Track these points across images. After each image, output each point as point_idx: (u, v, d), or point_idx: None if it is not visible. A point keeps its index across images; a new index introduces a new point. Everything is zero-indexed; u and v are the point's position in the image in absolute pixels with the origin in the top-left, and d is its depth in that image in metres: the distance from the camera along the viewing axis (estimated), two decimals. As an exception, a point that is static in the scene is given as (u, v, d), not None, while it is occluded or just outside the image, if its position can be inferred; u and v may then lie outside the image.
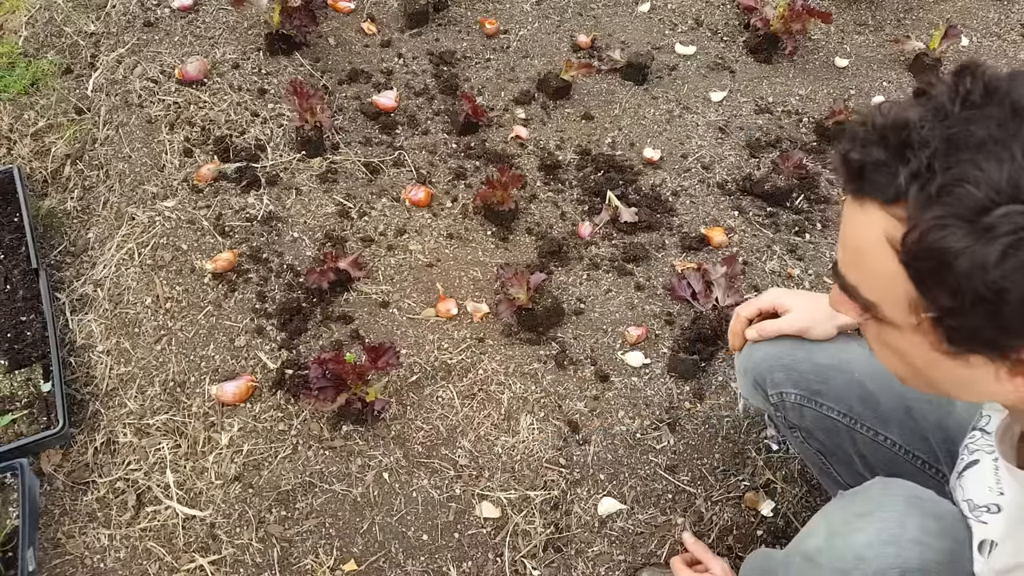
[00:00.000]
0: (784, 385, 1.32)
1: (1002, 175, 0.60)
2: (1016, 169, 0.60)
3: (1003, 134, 0.62)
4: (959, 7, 2.83)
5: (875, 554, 1.02)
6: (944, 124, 0.64)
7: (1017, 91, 0.63)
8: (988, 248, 0.61)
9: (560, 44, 2.47)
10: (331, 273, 1.74)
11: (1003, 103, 0.63)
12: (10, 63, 2.21)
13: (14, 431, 1.58)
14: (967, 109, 0.64)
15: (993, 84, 0.65)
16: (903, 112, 0.66)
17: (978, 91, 0.65)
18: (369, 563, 1.48)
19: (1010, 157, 0.61)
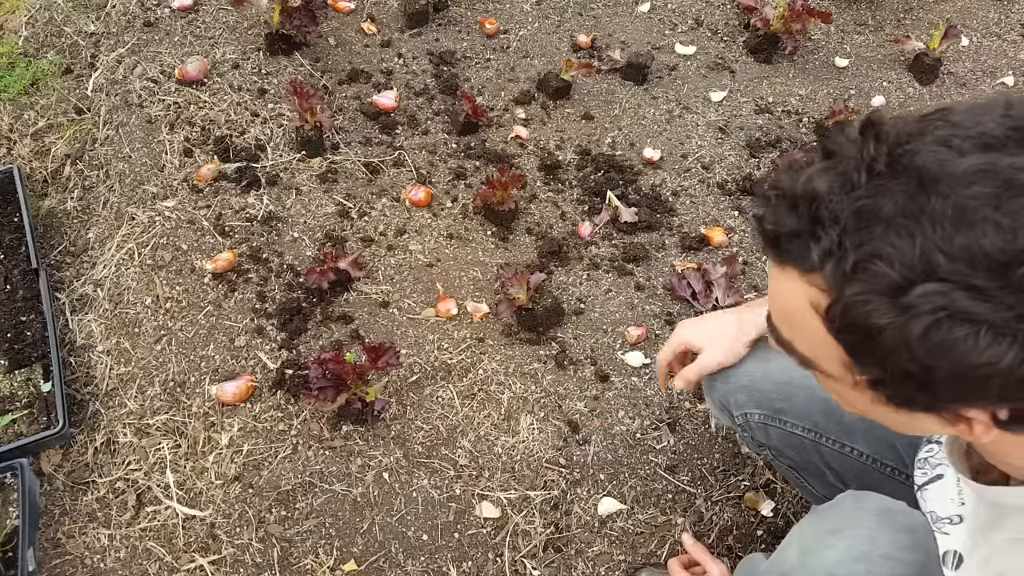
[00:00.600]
0: (747, 406, 1.33)
1: (915, 252, 0.59)
2: (928, 245, 0.59)
3: (912, 207, 0.60)
4: (959, 7, 2.83)
5: (846, 571, 1.03)
6: (852, 196, 0.62)
7: (922, 157, 0.61)
8: (910, 327, 0.60)
9: (560, 44, 2.47)
10: (331, 273, 1.74)
11: (909, 172, 0.62)
12: (10, 63, 2.21)
13: (14, 431, 1.58)
14: (873, 179, 0.62)
15: (898, 150, 0.63)
16: (811, 182, 0.65)
17: (883, 159, 0.63)
18: (369, 563, 1.48)
19: (920, 232, 0.59)
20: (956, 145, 0.61)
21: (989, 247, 0.57)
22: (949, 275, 0.58)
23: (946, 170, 0.60)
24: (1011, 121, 0.61)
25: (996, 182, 0.58)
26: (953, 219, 0.58)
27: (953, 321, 0.59)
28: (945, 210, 0.59)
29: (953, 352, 0.59)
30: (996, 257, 0.57)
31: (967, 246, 0.58)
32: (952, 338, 0.59)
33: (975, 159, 0.60)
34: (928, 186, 0.60)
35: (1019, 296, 0.57)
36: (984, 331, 0.58)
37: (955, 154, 0.60)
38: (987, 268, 0.58)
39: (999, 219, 0.57)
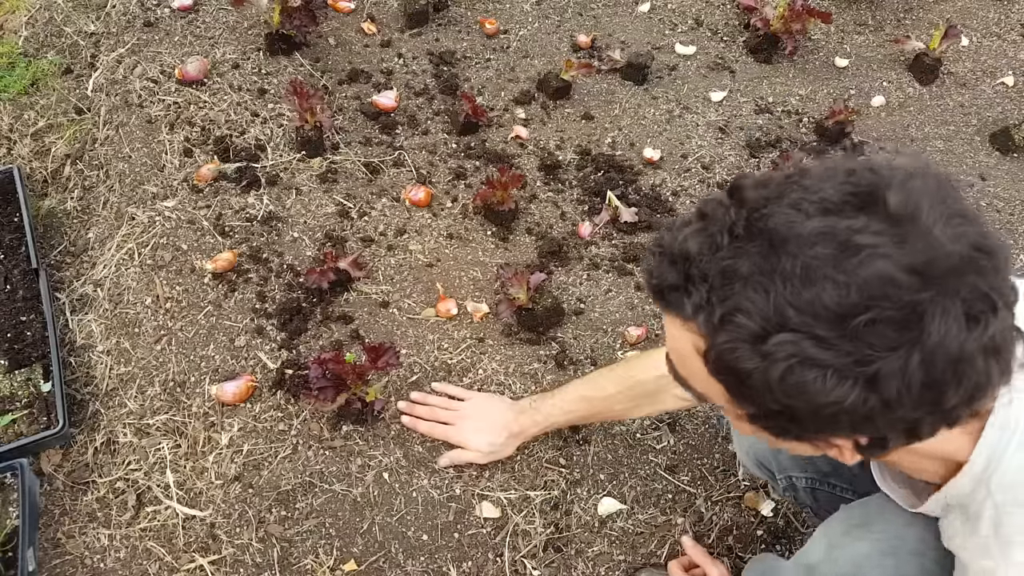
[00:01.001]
0: (792, 469, 1.34)
1: (769, 306, 0.67)
2: (779, 300, 0.67)
3: (765, 266, 0.68)
4: (959, 7, 2.83)
5: (873, 565, 1.04)
6: (717, 257, 0.71)
7: (774, 220, 0.69)
8: (770, 371, 0.68)
9: (560, 44, 2.47)
10: (331, 273, 1.74)
11: (763, 234, 0.69)
12: (10, 63, 2.21)
13: (14, 431, 1.58)
14: (734, 241, 0.70)
15: (755, 215, 0.70)
16: (685, 243, 0.73)
17: (742, 223, 0.71)
18: (369, 563, 1.48)
19: (773, 288, 0.67)
20: (804, 208, 0.69)
21: (828, 301, 0.65)
22: (799, 326, 0.66)
23: (794, 232, 0.68)
24: (850, 187, 0.69)
25: (834, 243, 0.66)
26: (800, 276, 0.66)
27: (803, 366, 0.67)
28: (794, 268, 0.67)
29: (806, 393, 0.68)
30: (835, 310, 0.65)
31: (811, 301, 0.66)
32: (804, 381, 0.67)
33: (817, 222, 0.68)
34: (778, 247, 0.68)
35: (856, 343, 0.65)
36: (829, 374, 0.66)
37: (802, 217, 0.68)
38: (828, 320, 0.66)
39: (836, 276, 0.65)
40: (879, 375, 0.66)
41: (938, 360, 0.66)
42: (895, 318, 0.65)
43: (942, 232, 0.67)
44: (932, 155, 2.34)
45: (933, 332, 0.65)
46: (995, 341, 0.68)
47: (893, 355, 0.66)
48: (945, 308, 0.65)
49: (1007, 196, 2.26)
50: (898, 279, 0.65)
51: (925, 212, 0.67)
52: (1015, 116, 2.47)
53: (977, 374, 0.68)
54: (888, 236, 0.66)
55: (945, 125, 2.45)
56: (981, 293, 0.67)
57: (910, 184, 0.69)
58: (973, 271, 0.67)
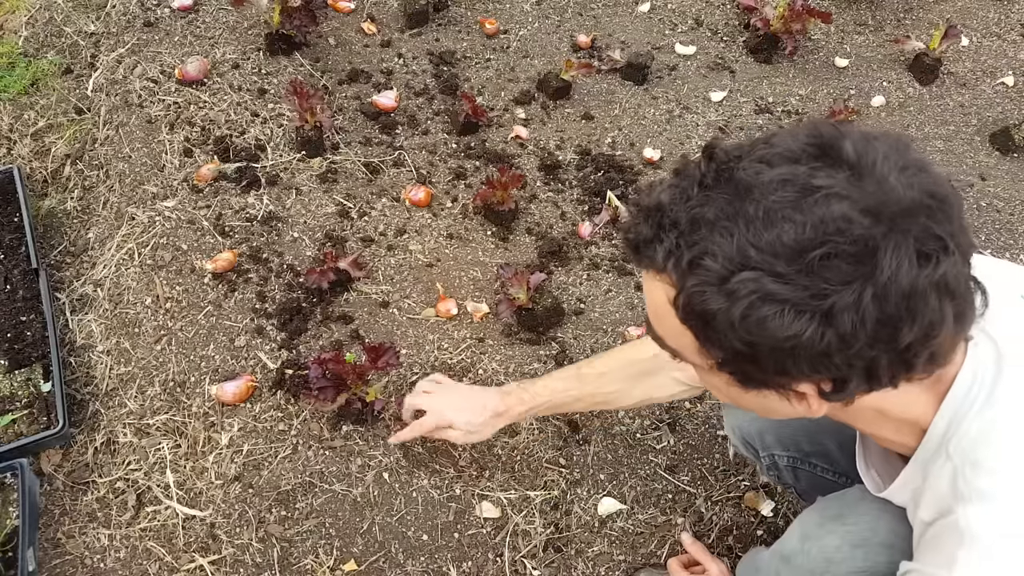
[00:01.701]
0: (774, 447, 1.36)
1: (732, 247, 0.71)
2: (742, 241, 0.71)
3: (730, 211, 0.72)
4: (959, 7, 2.83)
5: (843, 557, 1.08)
6: (687, 206, 0.75)
7: (741, 171, 0.73)
8: (733, 310, 0.72)
9: (560, 44, 2.47)
10: (331, 273, 1.74)
11: (730, 183, 0.74)
12: (10, 63, 2.21)
13: (14, 431, 1.58)
14: (703, 191, 0.75)
15: (723, 167, 0.75)
16: (658, 195, 0.78)
17: (711, 174, 0.75)
18: (369, 563, 1.48)
19: (737, 231, 0.71)
20: (768, 159, 0.74)
21: (787, 239, 0.69)
22: (759, 264, 0.70)
23: (758, 179, 0.72)
24: (812, 139, 0.74)
25: (794, 187, 0.71)
26: (762, 219, 0.71)
27: (764, 302, 0.70)
28: (756, 212, 0.71)
29: (766, 328, 0.71)
30: (792, 247, 0.69)
31: (771, 240, 0.70)
32: (764, 316, 0.70)
33: (779, 170, 0.72)
34: (743, 194, 0.72)
35: (812, 278, 0.69)
36: (787, 309, 0.70)
37: (766, 167, 0.73)
38: (786, 256, 0.69)
39: (795, 216, 0.69)
40: (834, 308, 0.69)
41: (891, 294, 0.69)
42: (849, 252, 0.69)
43: (896, 179, 0.71)
44: (932, 155, 2.34)
45: (885, 267, 0.68)
46: (947, 280, 0.70)
47: (847, 289, 0.69)
48: (897, 244, 0.69)
49: (1007, 196, 2.26)
50: (851, 216, 0.69)
51: (880, 161, 0.72)
52: (1015, 116, 2.47)
53: (931, 311, 0.70)
54: (844, 180, 0.71)
55: (945, 125, 2.45)
56: (933, 234, 0.70)
57: (867, 138, 0.74)
58: (925, 214, 0.70)
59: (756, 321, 0.71)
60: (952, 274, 0.71)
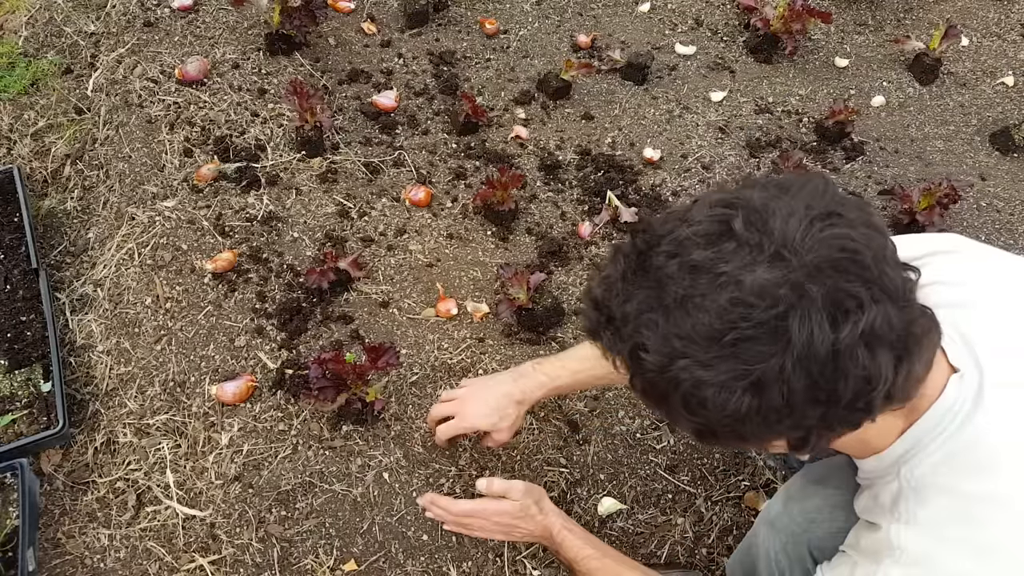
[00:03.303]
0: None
1: (659, 339, 0.76)
2: (666, 332, 0.76)
3: (651, 303, 0.77)
4: (959, 7, 2.83)
5: (824, 518, 1.14)
6: (616, 301, 0.81)
7: (656, 259, 0.78)
8: (676, 395, 0.77)
9: (560, 44, 2.47)
10: (331, 273, 1.74)
11: (648, 275, 0.79)
12: (10, 63, 2.21)
13: (14, 431, 1.58)
14: (626, 284, 0.80)
15: (643, 256, 0.80)
16: (595, 289, 0.84)
17: (632, 265, 0.80)
18: (369, 563, 1.48)
19: (659, 323, 0.76)
20: (678, 245, 0.77)
21: (700, 328, 0.74)
22: (686, 352, 0.75)
23: (670, 270, 0.77)
24: (710, 222, 0.77)
25: (698, 274, 0.75)
26: (678, 310, 0.75)
27: (699, 387, 0.75)
28: (674, 302, 0.75)
29: (709, 408, 0.76)
30: (707, 335, 0.74)
31: (690, 330, 0.74)
32: (703, 397, 0.75)
33: (689, 257, 0.76)
34: (659, 285, 0.77)
35: (731, 361, 0.73)
36: (720, 390, 0.74)
37: (676, 255, 0.77)
38: (704, 344, 0.74)
39: (705, 304, 0.74)
40: (761, 383, 0.73)
41: (811, 361, 0.72)
42: (754, 335, 0.72)
43: (802, 240, 0.73)
44: (932, 155, 2.34)
45: (796, 338, 0.71)
46: (874, 331, 0.72)
47: (767, 364, 0.72)
48: (804, 314, 0.71)
49: (1007, 196, 2.26)
50: (748, 300, 0.72)
51: (783, 225, 0.74)
52: (1015, 116, 2.47)
53: (862, 366, 0.73)
54: (744, 260, 0.74)
55: (945, 125, 2.45)
56: (845, 292, 0.72)
57: (771, 199, 0.77)
58: (833, 272, 0.72)
59: (698, 403, 0.76)
60: (880, 323, 0.72)
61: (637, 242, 0.82)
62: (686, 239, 0.77)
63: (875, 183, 2.23)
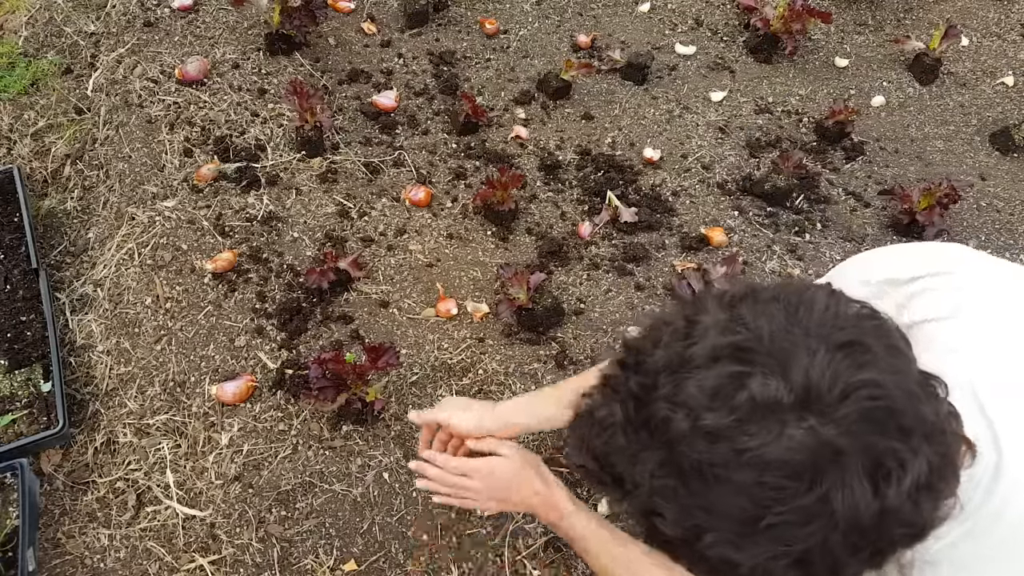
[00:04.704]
0: None
1: (677, 511, 0.69)
2: (686, 504, 0.68)
3: (666, 469, 0.69)
4: (959, 7, 2.83)
5: None
6: (623, 460, 0.72)
7: (661, 412, 0.69)
8: (701, 565, 0.71)
9: (560, 44, 2.47)
10: (331, 273, 1.74)
11: (655, 433, 0.70)
12: (10, 63, 2.21)
13: (14, 431, 1.58)
14: (631, 442, 0.72)
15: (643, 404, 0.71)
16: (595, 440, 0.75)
17: (631, 416, 0.72)
18: (369, 563, 1.48)
19: (677, 493, 0.69)
20: (684, 396, 0.68)
21: (731, 508, 0.66)
22: (713, 527, 0.68)
23: (676, 430, 0.68)
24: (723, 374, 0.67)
25: (718, 441, 0.66)
26: (696, 478, 0.67)
27: (732, 566, 0.68)
28: (690, 468, 0.67)
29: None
30: (738, 517, 0.66)
31: (714, 503, 0.67)
32: (730, 572, 0.69)
33: (701, 420, 0.67)
34: (670, 445, 0.68)
35: (768, 544, 0.66)
36: (760, 566, 0.67)
37: (684, 411, 0.68)
38: (736, 525, 0.67)
39: (731, 477, 0.66)
40: (806, 557, 0.67)
41: (855, 530, 0.66)
42: (792, 519, 0.65)
43: (828, 392, 0.65)
44: (932, 155, 2.34)
45: (838, 509, 0.65)
46: (919, 485, 0.66)
47: (811, 539, 0.66)
48: (846, 483, 0.64)
49: (1007, 196, 2.26)
50: (779, 483, 0.65)
51: (800, 377, 0.66)
52: (1015, 116, 2.47)
53: (908, 523, 0.67)
54: (763, 435, 0.65)
55: (945, 125, 2.45)
56: (886, 450, 0.65)
57: (781, 348, 0.68)
58: (869, 427, 0.65)
59: (731, 572, 0.70)
60: (923, 475, 0.66)
61: (632, 384, 0.73)
62: (693, 395, 0.68)
63: (875, 183, 2.23)
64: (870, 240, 2.08)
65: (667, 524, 0.70)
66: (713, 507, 0.67)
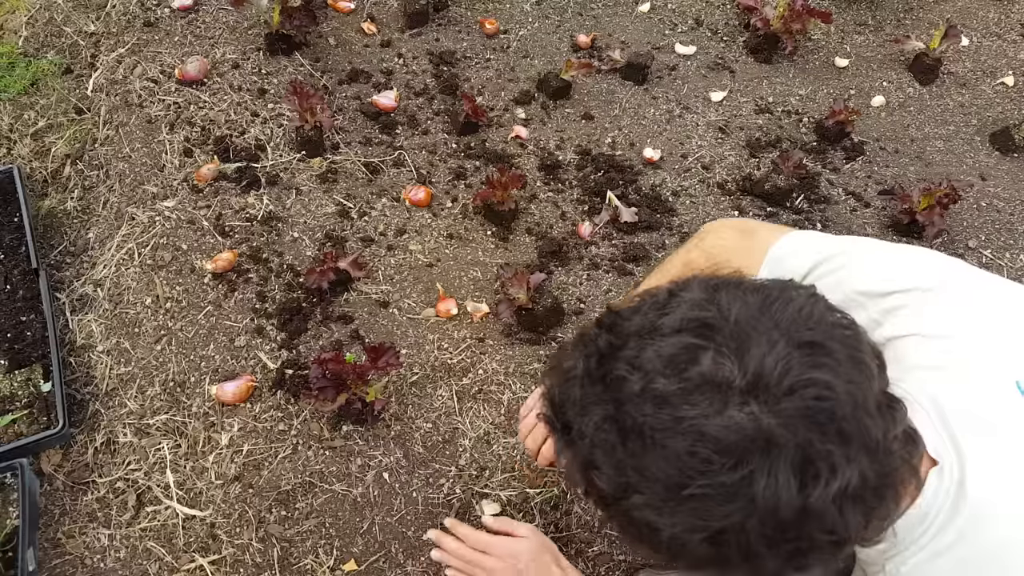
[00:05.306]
0: None
1: (612, 466, 0.71)
2: (621, 461, 0.71)
3: (606, 425, 0.72)
4: (959, 7, 2.83)
5: None
6: (574, 409, 0.76)
7: (617, 371, 0.72)
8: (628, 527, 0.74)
9: (560, 44, 2.47)
10: (331, 273, 1.74)
11: (608, 389, 0.73)
12: (10, 63, 2.21)
13: (14, 431, 1.58)
14: (584, 393, 0.75)
15: (604, 361, 0.74)
16: (555, 388, 0.79)
17: (592, 370, 0.75)
18: (369, 563, 1.48)
19: (615, 450, 0.71)
20: (643, 359, 0.71)
21: (659, 472, 0.68)
22: (642, 489, 0.70)
23: (631, 391, 0.70)
24: (681, 344, 0.70)
25: (662, 407, 0.68)
26: (634, 438, 0.69)
27: (653, 529, 0.71)
28: (631, 427, 0.69)
29: (664, 547, 0.72)
30: (664, 482, 0.68)
31: (646, 467, 0.69)
32: (660, 541, 0.71)
33: (653, 382, 0.69)
34: (619, 404, 0.71)
35: (689, 514, 0.68)
36: (677, 534, 0.69)
37: (640, 373, 0.70)
38: (661, 490, 0.69)
39: (665, 443, 0.68)
40: (720, 534, 0.68)
41: (773, 520, 0.66)
42: (714, 495, 0.67)
43: (776, 384, 0.67)
44: (932, 155, 2.34)
45: (759, 496, 0.66)
46: (847, 493, 0.67)
47: (728, 519, 0.67)
48: (771, 472, 0.65)
49: (1007, 196, 2.26)
50: (709, 457, 0.66)
51: (754, 363, 0.67)
52: (1015, 116, 2.47)
53: (830, 530, 0.68)
54: (704, 406, 0.67)
55: (945, 125, 2.45)
56: (819, 452, 0.66)
57: (745, 331, 0.70)
58: (808, 425, 0.66)
59: (651, 537, 0.72)
60: (854, 484, 0.67)
61: (601, 341, 0.76)
62: (650, 359, 0.70)
63: (875, 183, 2.23)
64: (870, 240, 2.08)
65: (602, 478, 0.72)
66: (645, 469, 0.69)
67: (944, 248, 2.12)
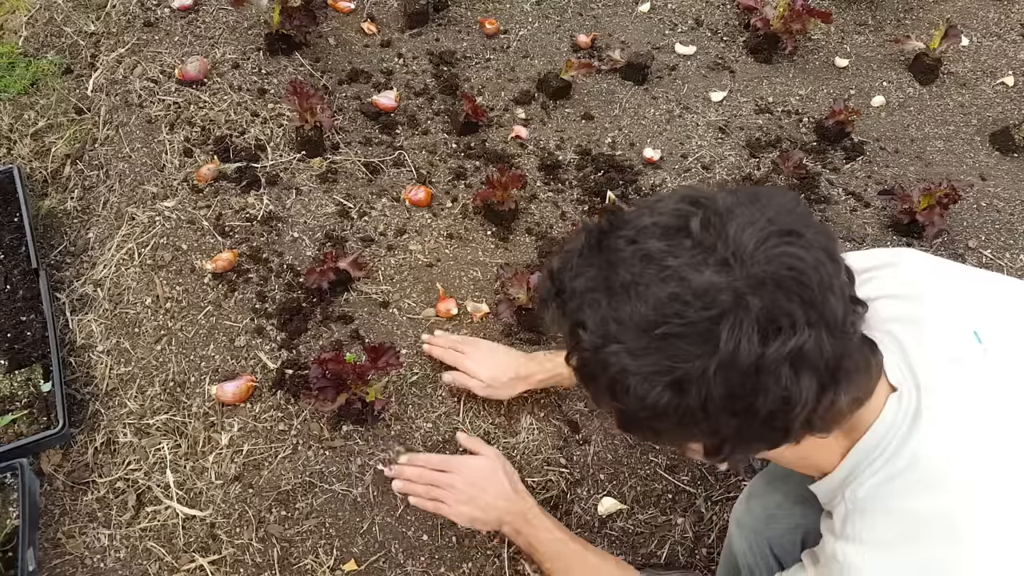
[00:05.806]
0: None
1: (597, 320, 0.77)
2: (605, 315, 0.77)
3: (597, 283, 0.78)
4: (959, 7, 2.83)
5: (784, 513, 1.16)
6: (569, 275, 0.81)
7: (613, 242, 0.79)
8: (603, 378, 0.78)
9: (560, 44, 2.47)
10: (331, 273, 1.74)
11: (601, 254, 0.80)
12: (10, 63, 2.21)
13: (14, 431, 1.58)
14: (581, 260, 0.81)
15: (603, 235, 0.80)
16: (555, 261, 0.85)
17: (591, 243, 0.81)
18: (369, 563, 1.48)
19: (600, 304, 0.77)
20: (637, 231, 0.78)
21: (637, 317, 0.74)
22: (619, 337, 0.76)
23: (623, 254, 0.77)
24: (676, 212, 0.78)
25: (648, 263, 0.75)
26: (621, 294, 0.76)
27: (624, 374, 0.76)
28: (618, 287, 0.76)
29: (630, 397, 0.77)
30: (640, 324, 0.74)
31: (627, 316, 0.75)
32: (627, 386, 0.76)
33: (643, 245, 0.77)
34: (610, 266, 0.78)
35: (658, 355, 0.74)
36: (642, 380, 0.75)
37: (632, 241, 0.78)
38: (635, 333, 0.75)
39: (647, 294, 0.74)
40: (682, 381, 0.74)
41: (733, 370, 0.72)
42: (684, 333, 0.73)
43: (752, 252, 0.73)
44: (932, 155, 2.34)
45: (724, 345, 0.71)
46: (802, 354, 0.72)
47: (691, 364, 0.73)
48: (736, 322, 0.71)
49: (1007, 196, 2.26)
50: (685, 298, 0.73)
51: (733, 235, 0.74)
52: (1015, 116, 2.47)
53: (784, 386, 0.73)
54: (693, 257, 0.74)
55: (945, 125, 2.45)
56: (783, 310, 0.72)
57: (733, 206, 0.77)
58: (776, 288, 0.72)
59: (622, 389, 0.77)
60: (810, 347, 0.72)
61: (602, 223, 0.82)
62: (645, 228, 0.78)
63: (875, 183, 2.23)
64: (870, 240, 2.08)
65: (587, 334, 0.78)
66: (624, 319, 0.75)
67: (944, 248, 2.12)
